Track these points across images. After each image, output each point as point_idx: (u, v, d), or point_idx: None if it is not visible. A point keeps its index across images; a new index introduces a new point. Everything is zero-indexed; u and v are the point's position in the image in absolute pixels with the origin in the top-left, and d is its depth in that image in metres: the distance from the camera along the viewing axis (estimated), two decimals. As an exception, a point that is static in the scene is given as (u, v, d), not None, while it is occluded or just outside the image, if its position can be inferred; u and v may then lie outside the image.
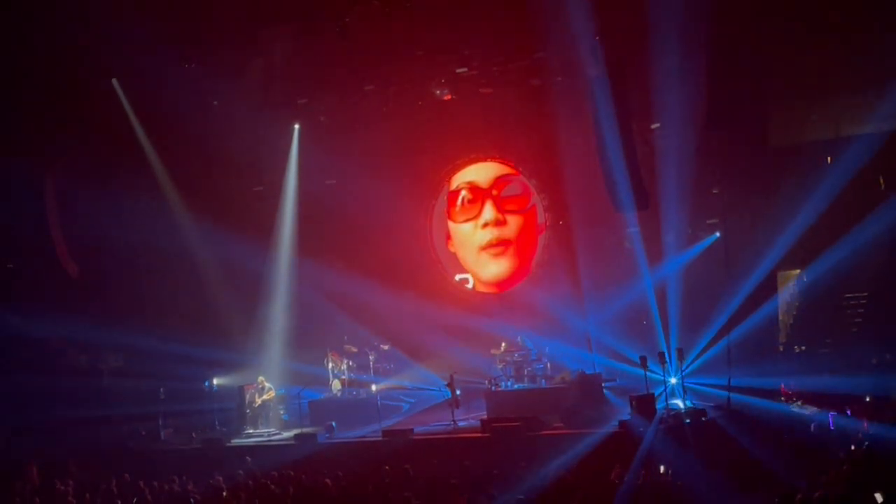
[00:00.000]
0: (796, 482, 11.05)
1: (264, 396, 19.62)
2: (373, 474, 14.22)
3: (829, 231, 18.16)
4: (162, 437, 19.26)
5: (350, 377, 20.06)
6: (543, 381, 18.48)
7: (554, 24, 17.82)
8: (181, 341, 19.45)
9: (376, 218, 21.43)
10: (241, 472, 15.30)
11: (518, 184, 21.51)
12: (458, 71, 20.27)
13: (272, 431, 19.18)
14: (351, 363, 20.18)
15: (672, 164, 18.02)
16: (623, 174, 17.72)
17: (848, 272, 18.44)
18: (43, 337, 20.75)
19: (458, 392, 17.66)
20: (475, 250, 21.81)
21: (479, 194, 21.78)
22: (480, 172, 21.83)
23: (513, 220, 21.53)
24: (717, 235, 19.10)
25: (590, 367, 17.90)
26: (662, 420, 15.32)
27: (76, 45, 18.88)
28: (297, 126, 21.64)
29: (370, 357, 19.95)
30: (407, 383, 20.22)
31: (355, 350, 20.36)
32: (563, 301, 19.33)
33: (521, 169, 21.40)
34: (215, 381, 19.96)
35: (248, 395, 19.46)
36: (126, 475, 15.78)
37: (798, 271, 20.15)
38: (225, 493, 14.19)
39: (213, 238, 20.59)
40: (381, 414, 18.32)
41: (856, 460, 11.75)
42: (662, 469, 13.18)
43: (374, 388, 19.23)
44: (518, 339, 19.06)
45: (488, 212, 21.62)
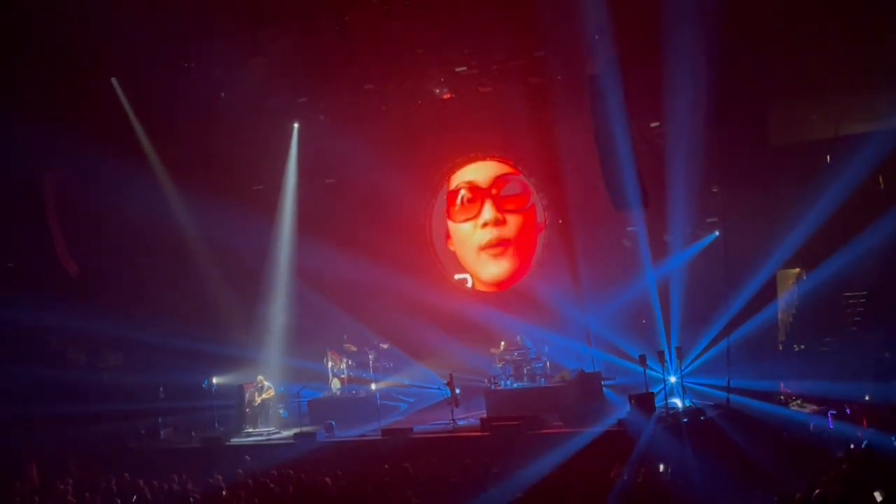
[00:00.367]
0: (795, 481, 11.06)
1: (264, 395, 19.63)
2: (372, 473, 14.23)
3: (828, 230, 18.14)
4: (161, 436, 19.30)
5: (350, 376, 20.07)
6: (543, 379, 18.45)
7: (553, 22, 17.83)
8: (181, 340, 19.45)
9: (376, 217, 21.44)
10: (241, 470, 15.34)
11: (517, 183, 21.51)
12: (458, 70, 20.30)
13: (272, 430, 19.17)
14: (350, 362, 20.18)
15: (671, 163, 18.02)
16: (623, 173, 17.71)
17: (847, 271, 18.43)
18: (43, 336, 20.77)
19: (457, 391, 17.63)
20: (475, 250, 21.82)
21: (478, 194, 21.78)
22: (480, 171, 21.84)
23: (512, 220, 21.53)
24: (717, 234, 19.10)
25: (589, 362, 17.91)
26: (661, 419, 15.34)
27: (76, 45, 18.88)
28: (296, 125, 21.67)
29: (370, 356, 19.90)
30: (406, 382, 20.22)
31: (355, 349, 20.35)
32: (562, 297, 19.34)
33: (520, 168, 21.40)
34: (215, 379, 19.94)
35: (247, 394, 19.47)
36: (126, 474, 15.81)
37: (798, 270, 20.15)
38: (224, 492, 14.22)
39: (213, 237, 20.61)
40: (381, 413, 18.34)
41: (855, 459, 11.74)
42: (661, 468, 13.20)
43: (373, 386, 19.20)
44: (517, 338, 19.05)
45: (488, 211, 21.62)
